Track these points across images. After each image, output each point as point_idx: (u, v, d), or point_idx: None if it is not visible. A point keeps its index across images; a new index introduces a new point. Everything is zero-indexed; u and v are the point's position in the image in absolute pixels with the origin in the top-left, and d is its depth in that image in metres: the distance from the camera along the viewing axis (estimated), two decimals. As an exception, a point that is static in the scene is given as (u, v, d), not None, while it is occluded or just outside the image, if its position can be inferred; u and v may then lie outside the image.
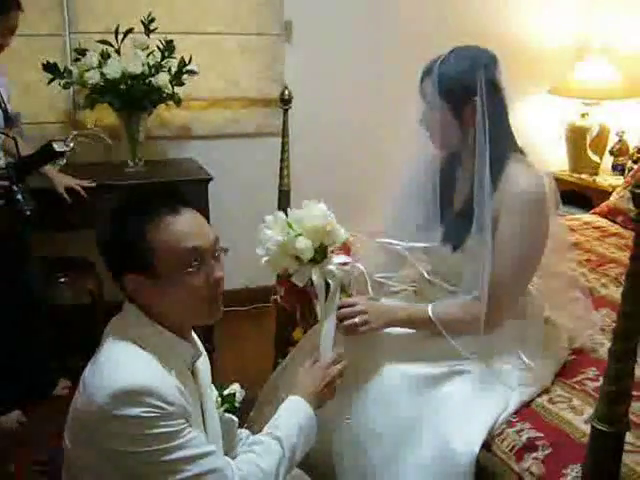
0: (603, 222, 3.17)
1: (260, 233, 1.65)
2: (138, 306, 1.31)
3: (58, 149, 2.31)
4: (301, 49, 3.46)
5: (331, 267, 1.63)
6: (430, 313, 1.70)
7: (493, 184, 1.67)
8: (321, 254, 1.62)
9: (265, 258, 1.63)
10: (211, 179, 3.01)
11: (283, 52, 3.45)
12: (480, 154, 1.67)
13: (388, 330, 1.75)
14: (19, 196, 2.25)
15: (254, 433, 1.90)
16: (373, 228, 2.11)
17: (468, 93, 1.66)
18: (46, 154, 2.34)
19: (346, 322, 1.67)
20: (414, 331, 1.77)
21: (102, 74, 2.90)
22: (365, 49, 3.54)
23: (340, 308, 1.68)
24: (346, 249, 1.83)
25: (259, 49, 3.42)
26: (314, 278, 1.61)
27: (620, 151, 3.70)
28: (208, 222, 3.07)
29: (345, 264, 1.67)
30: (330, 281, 1.63)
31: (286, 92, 2.60)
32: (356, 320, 1.66)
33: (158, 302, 1.30)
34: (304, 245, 1.58)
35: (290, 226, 1.62)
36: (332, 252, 1.66)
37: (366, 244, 1.95)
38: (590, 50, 3.86)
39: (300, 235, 1.60)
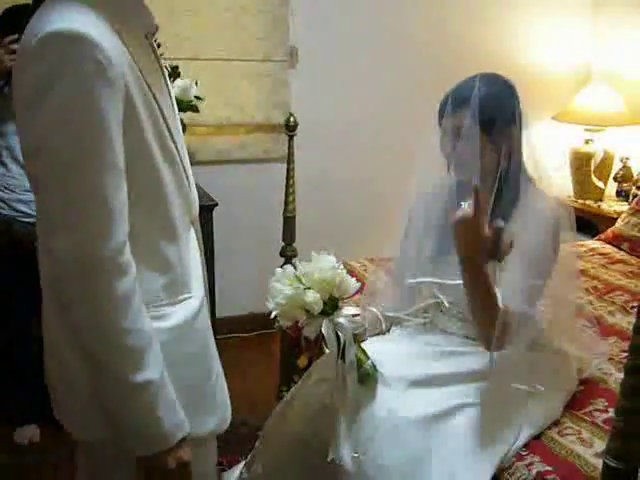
0: (608, 248, 3.16)
1: (270, 287, 1.64)
2: None
3: None
4: (306, 75, 3.47)
5: (341, 320, 1.62)
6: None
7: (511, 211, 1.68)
8: (331, 306, 1.61)
9: (275, 312, 1.62)
10: (216, 205, 3.00)
11: (288, 78, 3.47)
12: (507, 182, 1.68)
13: (398, 355, 1.75)
14: None
15: (260, 465, 1.88)
16: (381, 255, 2.12)
17: (507, 121, 1.68)
18: None
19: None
20: (425, 352, 1.76)
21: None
22: (370, 74, 3.56)
23: None
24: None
25: (264, 75, 3.43)
26: (324, 331, 1.59)
27: (624, 177, 3.70)
28: (213, 248, 2.99)
29: (356, 315, 1.66)
30: (340, 334, 1.62)
31: (291, 119, 2.60)
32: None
33: None
34: (313, 298, 1.57)
35: (299, 279, 1.61)
36: (344, 303, 1.65)
37: (383, 280, 1.96)
38: (593, 77, 3.89)
39: (309, 288, 1.59)
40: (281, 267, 1.68)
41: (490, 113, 1.67)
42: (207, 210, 2.97)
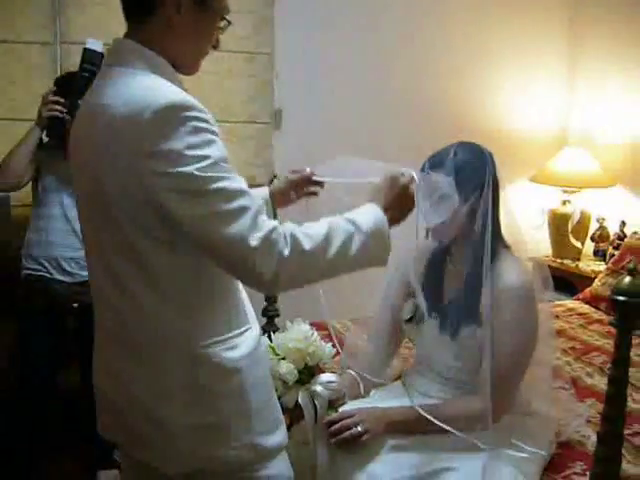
0: (586, 308, 3.21)
1: None
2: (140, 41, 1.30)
3: (91, 46, 2.28)
4: (290, 136, 3.55)
5: (317, 388, 1.64)
6: (424, 414, 1.65)
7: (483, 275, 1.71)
8: (307, 375, 1.63)
9: None
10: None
11: (271, 139, 3.54)
12: (480, 246, 1.70)
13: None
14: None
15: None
16: (365, 315, 2.14)
17: (480, 186, 1.72)
18: (86, 59, 2.28)
19: (347, 433, 1.63)
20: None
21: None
22: (353, 136, 3.62)
23: (334, 423, 1.65)
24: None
25: (249, 136, 3.51)
26: (299, 400, 1.61)
27: (601, 237, 3.78)
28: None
29: (332, 382, 1.68)
30: (316, 402, 1.63)
31: (275, 180, 2.64)
32: (359, 429, 1.63)
33: (174, 35, 1.30)
34: (287, 369, 1.61)
35: (273, 350, 1.65)
36: (324, 367, 1.67)
37: (363, 340, 1.98)
38: (569, 140, 4.00)
39: (283, 359, 1.63)
40: (262, 328, 1.70)
41: (465, 177, 1.71)
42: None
